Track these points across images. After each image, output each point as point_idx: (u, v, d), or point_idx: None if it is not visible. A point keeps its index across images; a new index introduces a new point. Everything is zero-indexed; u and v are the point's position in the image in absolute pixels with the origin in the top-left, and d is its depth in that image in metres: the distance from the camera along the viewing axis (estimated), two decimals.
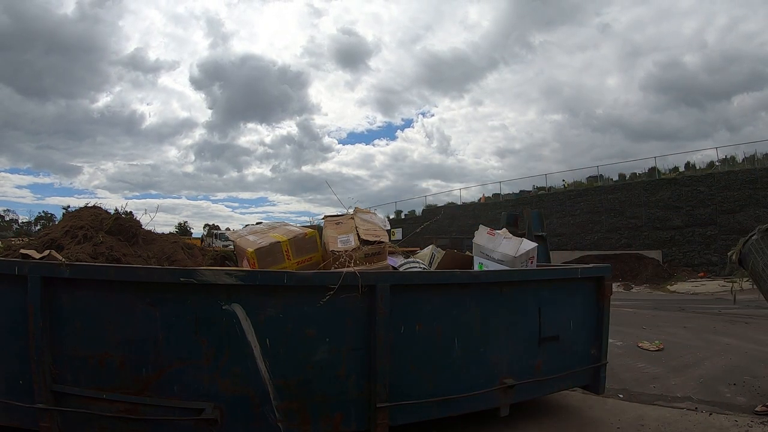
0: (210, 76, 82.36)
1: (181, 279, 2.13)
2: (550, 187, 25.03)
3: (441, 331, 2.58)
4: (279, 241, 2.81)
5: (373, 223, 3.10)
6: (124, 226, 2.90)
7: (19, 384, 2.09)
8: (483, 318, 2.71)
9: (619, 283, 15.03)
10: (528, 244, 3.87)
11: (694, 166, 21.73)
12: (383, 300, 2.38)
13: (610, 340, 3.42)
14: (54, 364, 2.08)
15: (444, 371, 2.59)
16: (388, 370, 2.39)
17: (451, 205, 29.19)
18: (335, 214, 3.37)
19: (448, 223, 26.62)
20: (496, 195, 27.83)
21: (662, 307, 9.79)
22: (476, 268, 3.39)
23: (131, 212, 3.13)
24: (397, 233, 26.09)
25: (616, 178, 23.20)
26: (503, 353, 2.76)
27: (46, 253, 2.43)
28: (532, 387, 2.89)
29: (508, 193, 27.11)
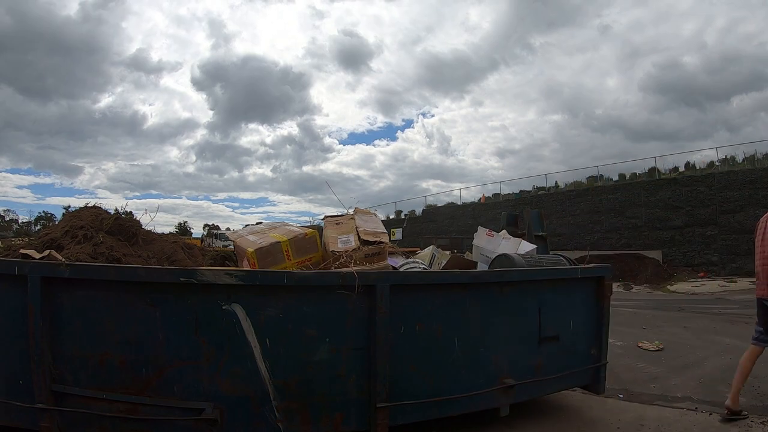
0: (212, 77, 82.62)
1: (181, 279, 2.13)
2: (550, 187, 25.03)
3: (441, 331, 2.58)
4: (279, 241, 2.81)
5: (374, 224, 3.10)
6: (124, 226, 2.90)
7: (19, 384, 2.09)
8: (483, 318, 2.71)
9: (619, 283, 15.02)
10: (527, 245, 3.88)
11: (694, 166, 21.72)
12: (383, 300, 2.38)
13: (610, 340, 3.41)
14: (54, 364, 2.08)
15: (444, 371, 2.59)
16: (388, 370, 2.39)
17: (451, 205, 29.18)
18: (335, 214, 3.37)
19: (448, 223, 26.62)
20: (496, 195, 27.81)
21: (662, 307, 9.79)
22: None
23: (131, 212, 3.13)
24: (397, 233, 26.12)
25: (616, 178, 23.20)
26: (503, 353, 2.76)
27: (46, 253, 2.43)
28: (532, 387, 2.89)
29: (508, 193, 27.09)
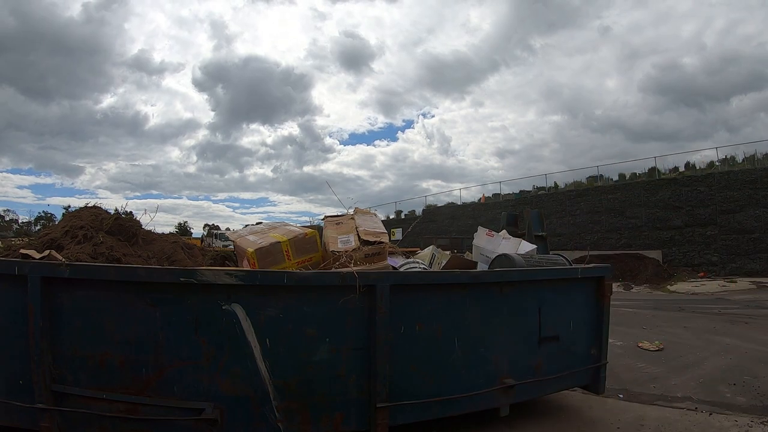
0: (213, 78, 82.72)
1: (181, 279, 2.13)
2: (550, 187, 25.02)
3: (441, 331, 2.58)
4: (279, 241, 2.81)
5: (374, 224, 3.10)
6: (124, 226, 2.90)
7: (19, 384, 2.09)
8: (483, 318, 2.71)
9: (619, 283, 15.01)
10: (527, 246, 3.88)
11: (694, 166, 21.71)
12: (383, 300, 2.38)
13: (610, 340, 3.41)
14: (54, 364, 2.08)
15: (444, 371, 2.59)
16: (388, 370, 2.39)
17: (451, 205, 29.17)
18: (335, 214, 3.37)
19: (448, 223, 26.61)
20: (496, 195, 27.80)
21: (662, 307, 9.79)
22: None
23: (131, 212, 3.13)
24: (397, 233, 26.10)
25: (616, 178, 23.19)
26: (503, 353, 2.76)
27: (46, 253, 2.43)
28: (532, 387, 2.89)
29: (508, 193, 27.08)
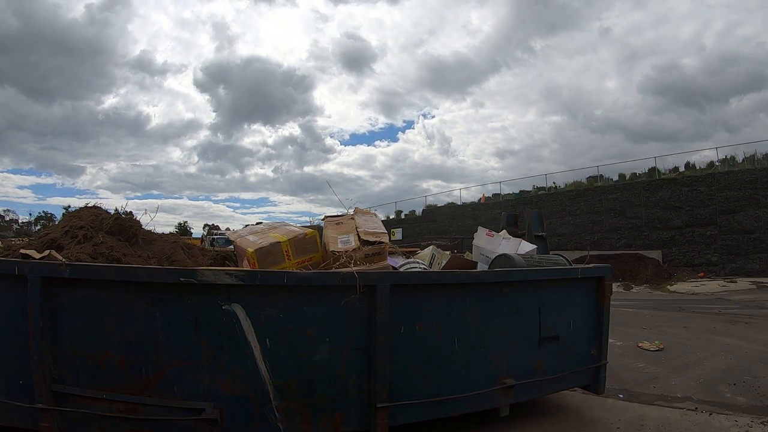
0: (215, 79, 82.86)
1: (181, 279, 2.13)
2: (550, 187, 25.03)
3: (441, 331, 2.58)
4: (279, 241, 2.81)
5: (374, 224, 3.10)
6: (124, 226, 2.90)
7: (19, 384, 2.09)
8: (483, 318, 2.71)
9: (619, 283, 15.01)
10: (527, 246, 3.88)
11: (694, 166, 21.71)
12: (383, 300, 2.38)
13: (610, 340, 3.41)
14: (54, 364, 2.08)
15: (444, 371, 2.58)
16: (388, 370, 2.39)
17: (451, 206, 29.17)
18: (336, 214, 3.37)
19: (448, 224, 26.61)
20: (496, 195, 27.80)
21: (662, 307, 9.79)
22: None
23: (131, 212, 3.13)
24: (397, 233, 26.11)
25: (616, 179, 23.19)
26: (503, 353, 2.76)
27: (46, 253, 2.43)
28: (532, 387, 2.89)
29: (508, 194, 27.08)
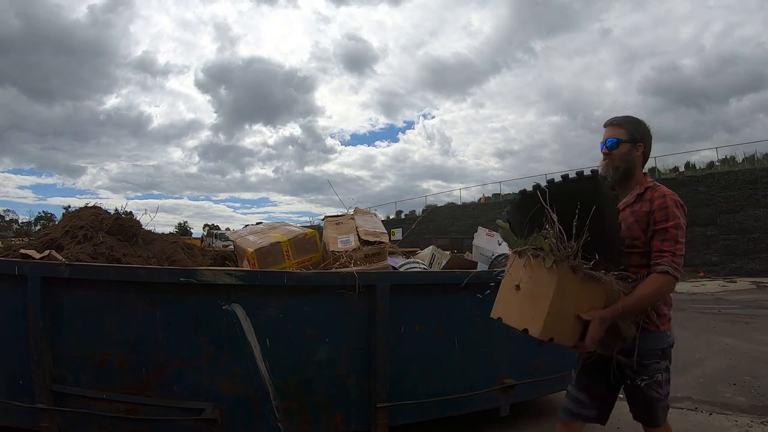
0: (217, 79, 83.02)
1: (181, 279, 2.12)
2: None
3: (441, 331, 2.58)
4: (279, 242, 2.80)
5: (374, 224, 3.10)
6: (124, 226, 2.90)
7: (19, 384, 2.09)
8: (483, 318, 2.70)
9: None
10: None
11: (694, 166, 21.70)
12: (383, 300, 2.38)
13: None
14: (54, 364, 2.08)
15: (444, 371, 2.59)
16: (388, 370, 2.39)
17: (451, 206, 29.18)
18: (336, 214, 3.36)
19: (448, 224, 26.61)
20: (496, 195, 27.81)
21: None
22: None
23: (131, 212, 3.13)
24: (397, 233, 26.09)
25: None
26: (503, 353, 2.76)
27: (46, 253, 2.43)
28: (532, 387, 2.89)
29: (508, 193, 27.07)
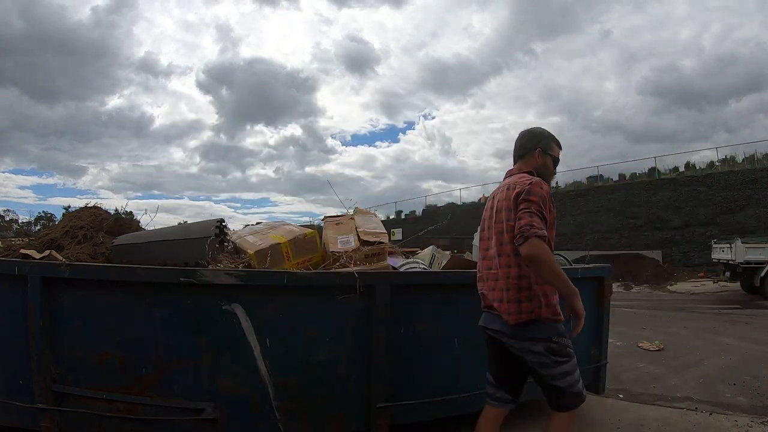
0: (218, 80, 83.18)
1: (181, 279, 2.12)
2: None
3: (441, 331, 2.58)
4: (279, 243, 2.80)
5: (373, 224, 3.10)
6: (124, 226, 2.91)
7: (19, 384, 2.09)
8: None
9: (619, 283, 15.01)
10: None
11: (694, 166, 21.72)
12: (383, 300, 2.38)
13: (610, 340, 3.41)
14: (54, 364, 2.08)
15: (444, 371, 2.59)
16: (388, 370, 2.39)
17: (452, 206, 29.17)
18: (336, 214, 3.36)
19: (448, 224, 26.60)
20: None
21: (662, 307, 9.79)
22: None
23: (131, 212, 3.13)
24: (397, 233, 26.06)
25: (616, 179, 23.19)
26: None
27: (46, 253, 2.43)
28: (532, 387, 2.88)
29: None
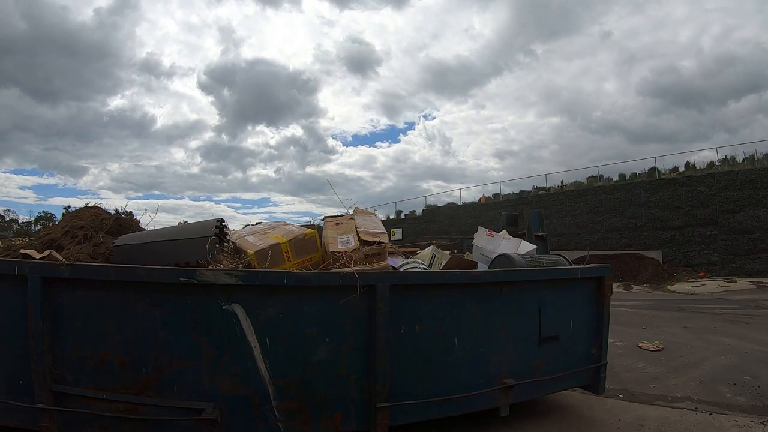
0: (220, 81, 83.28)
1: (181, 279, 2.13)
2: (550, 188, 25.03)
3: (441, 331, 2.58)
4: (279, 243, 2.80)
5: (373, 224, 3.10)
6: (124, 226, 2.91)
7: (19, 384, 2.09)
8: (483, 318, 2.71)
9: (619, 283, 15.02)
10: (527, 246, 3.88)
11: (694, 166, 21.70)
12: (383, 300, 2.38)
13: (610, 340, 3.41)
14: (54, 364, 2.08)
15: (444, 371, 2.59)
16: (388, 370, 2.39)
17: (451, 206, 29.18)
18: (336, 214, 3.36)
19: (448, 224, 26.61)
20: (496, 195, 27.82)
21: (662, 307, 9.79)
22: None
23: (131, 212, 3.14)
24: (397, 233, 26.10)
25: (616, 179, 23.19)
26: (503, 353, 2.76)
27: (47, 253, 2.43)
28: (532, 387, 2.89)
29: (508, 194, 27.11)
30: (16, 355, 2.09)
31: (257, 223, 3.51)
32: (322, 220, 3.34)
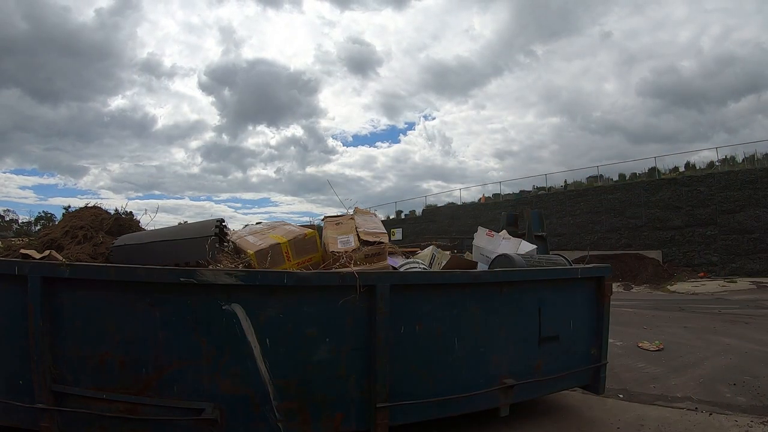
0: (221, 81, 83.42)
1: (181, 279, 2.13)
2: (550, 188, 25.03)
3: (441, 331, 2.58)
4: (279, 243, 2.80)
5: (373, 224, 3.10)
6: (124, 226, 2.91)
7: (19, 384, 2.09)
8: (483, 318, 2.71)
9: (619, 283, 15.02)
10: (527, 246, 3.88)
11: (694, 166, 21.70)
12: (383, 300, 2.38)
13: (610, 340, 3.42)
14: (54, 364, 2.08)
15: (444, 371, 2.59)
16: (388, 370, 2.39)
17: (452, 206, 29.18)
18: (336, 214, 3.36)
19: (448, 224, 26.61)
20: (496, 195, 27.82)
21: (662, 307, 9.79)
22: None
23: (131, 212, 3.14)
24: (397, 233, 26.10)
25: (616, 179, 23.19)
26: (503, 353, 2.76)
27: (46, 253, 2.43)
28: (532, 387, 2.89)
29: (508, 194, 27.11)
30: (16, 355, 2.09)
31: (257, 223, 3.51)
32: (322, 220, 3.34)
